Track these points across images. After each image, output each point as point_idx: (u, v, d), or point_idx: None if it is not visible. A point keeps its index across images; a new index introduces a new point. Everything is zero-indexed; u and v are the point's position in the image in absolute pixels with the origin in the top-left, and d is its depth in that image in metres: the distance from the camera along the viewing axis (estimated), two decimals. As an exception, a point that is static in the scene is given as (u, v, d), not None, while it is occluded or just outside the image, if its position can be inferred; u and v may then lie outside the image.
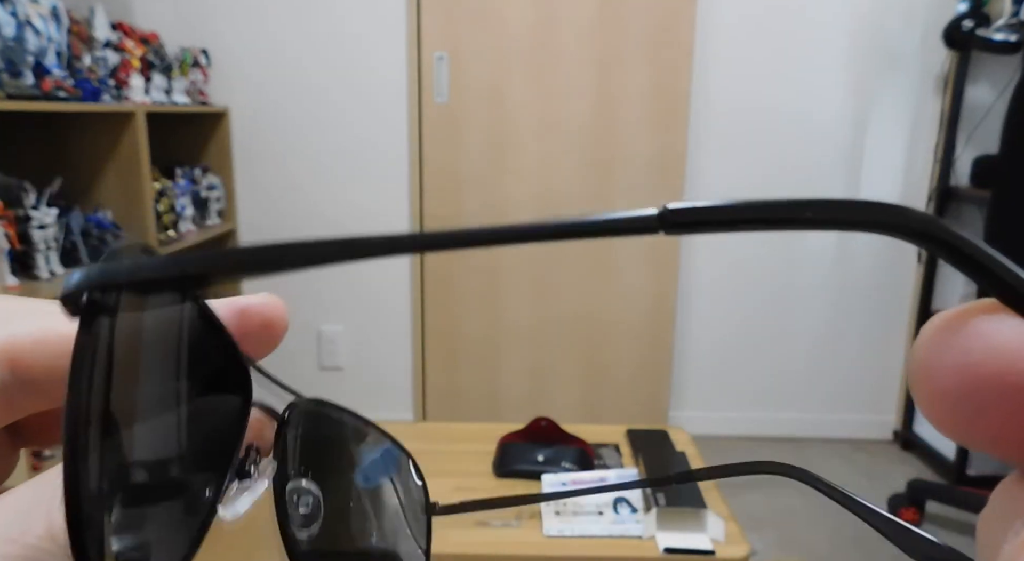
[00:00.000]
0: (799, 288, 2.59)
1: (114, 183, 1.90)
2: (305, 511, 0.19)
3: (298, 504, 0.18)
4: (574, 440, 1.57)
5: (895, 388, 2.65)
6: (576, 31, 2.35)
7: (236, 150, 2.47)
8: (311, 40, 2.38)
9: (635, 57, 2.35)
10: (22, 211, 1.60)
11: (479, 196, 2.44)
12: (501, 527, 1.31)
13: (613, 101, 2.39)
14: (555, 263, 2.47)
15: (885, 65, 2.43)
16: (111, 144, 1.88)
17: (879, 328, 2.62)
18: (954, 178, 2.41)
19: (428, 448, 1.63)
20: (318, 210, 2.48)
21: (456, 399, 2.62)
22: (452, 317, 2.56)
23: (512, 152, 2.41)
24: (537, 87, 2.39)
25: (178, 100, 2.19)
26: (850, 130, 2.47)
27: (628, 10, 2.32)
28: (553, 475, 1.44)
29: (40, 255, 1.63)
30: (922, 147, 2.47)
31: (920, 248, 0.12)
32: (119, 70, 1.91)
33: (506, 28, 2.35)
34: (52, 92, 1.59)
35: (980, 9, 2.23)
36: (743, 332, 2.63)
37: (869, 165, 2.49)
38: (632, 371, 2.57)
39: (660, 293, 2.52)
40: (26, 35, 1.52)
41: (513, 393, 2.59)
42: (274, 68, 2.41)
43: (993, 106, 2.34)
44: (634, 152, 2.42)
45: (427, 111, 2.40)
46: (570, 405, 2.58)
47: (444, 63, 2.36)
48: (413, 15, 2.34)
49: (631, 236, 0.13)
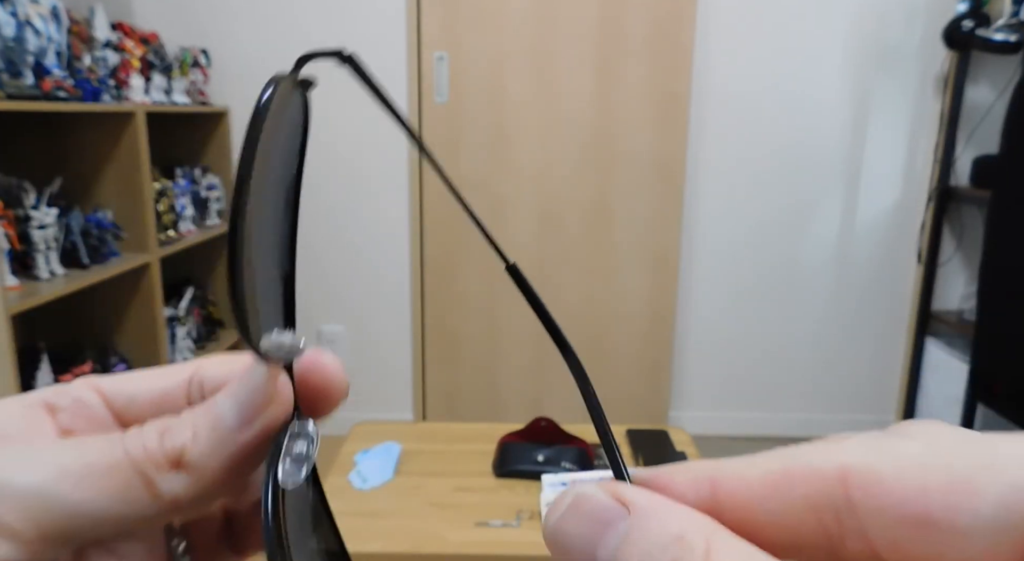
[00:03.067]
0: (799, 288, 2.59)
1: (114, 183, 1.90)
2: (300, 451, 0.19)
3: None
4: (574, 440, 1.57)
5: (895, 388, 2.65)
6: (576, 31, 2.35)
7: (236, 150, 2.47)
8: (311, 40, 2.38)
9: (635, 57, 2.35)
10: (22, 211, 1.60)
11: (479, 196, 2.44)
12: (501, 527, 1.31)
13: (613, 101, 2.39)
14: (555, 263, 2.47)
15: (885, 65, 2.43)
16: (111, 144, 1.87)
17: (879, 328, 2.61)
18: (954, 178, 2.41)
19: (428, 448, 1.63)
20: (318, 210, 2.48)
21: (456, 399, 2.62)
22: (452, 317, 2.56)
23: (512, 152, 2.41)
24: (537, 87, 2.39)
25: (178, 100, 2.18)
26: (850, 130, 2.47)
27: (628, 10, 2.32)
28: (553, 475, 1.44)
29: (40, 255, 1.63)
30: (922, 147, 2.47)
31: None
32: (119, 70, 1.91)
33: (506, 28, 2.35)
34: (52, 92, 1.59)
35: (980, 9, 2.23)
36: (743, 332, 2.62)
37: (869, 165, 2.49)
38: (632, 371, 2.57)
39: (660, 293, 2.52)
40: (26, 35, 1.52)
41: (513, 393, 2.59)
42: (274, 68, 2.39)
43: (993, 106, 2.34)
44: (634, 152, 2.42)
45: (427, 111, 2.40)
46: (570, 405, 2.57)
47: (444, 63, 2.36)
48: (413, 15, 2.34)
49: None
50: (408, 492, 1.45)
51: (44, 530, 0.16)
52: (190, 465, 0.17)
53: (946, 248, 2.49)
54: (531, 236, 2.46)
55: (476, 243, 2.49)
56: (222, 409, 0.18)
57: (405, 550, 1.25)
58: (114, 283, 1.84)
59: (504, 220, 2.46)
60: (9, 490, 0.16)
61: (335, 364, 0.20)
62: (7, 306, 1.41)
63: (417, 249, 2.51)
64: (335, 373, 0.20)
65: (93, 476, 0.16)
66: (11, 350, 1.41)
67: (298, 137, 0.19)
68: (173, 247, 2.08)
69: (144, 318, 1.95)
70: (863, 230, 2.54)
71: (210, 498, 0.18)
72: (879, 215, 2.53)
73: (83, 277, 1.68)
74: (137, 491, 0.17)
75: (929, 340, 2.54)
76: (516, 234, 2.47)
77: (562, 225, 2.45)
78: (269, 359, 0.17)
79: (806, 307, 2.60)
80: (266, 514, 0.16)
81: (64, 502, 0.16)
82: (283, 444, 0.18)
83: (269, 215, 0.18)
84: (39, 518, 0.16)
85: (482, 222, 0.20)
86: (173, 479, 0.17)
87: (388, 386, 2.61)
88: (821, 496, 0.13)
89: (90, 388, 0.19)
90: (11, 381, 1.42)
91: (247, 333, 0.16)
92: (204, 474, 0.17)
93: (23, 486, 0.16)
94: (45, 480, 0.16)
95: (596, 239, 2.47)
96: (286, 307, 0.19)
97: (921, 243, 2.50)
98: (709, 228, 2.54)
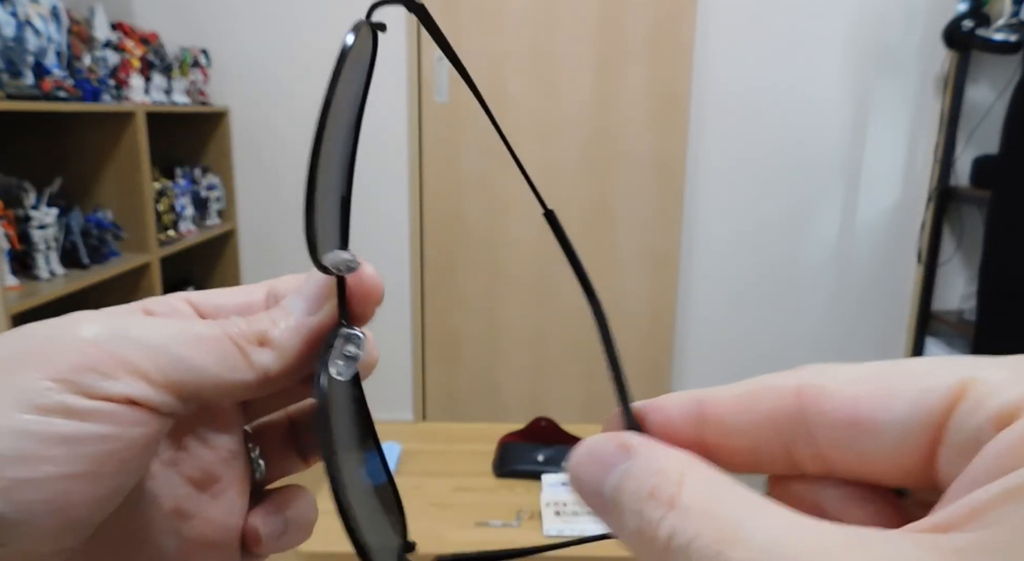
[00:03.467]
0: (799, 288, 2.59)
1: (114, 183, 1.90)
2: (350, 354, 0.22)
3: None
4: (574, 440, 1.57)
5: (895, 388, 2.65)
6: (576, 31, 2.35)
7: (236, 150, 2.47)
8: (311, 40, 2.38)
9: (635, 57, 2.35)
10: (22, 211, 1.60)
11: (479, 196, 2.45)
12: (501, 527, 1.31)
13: (613, 101, 2.39)
14: (555, 263, 2.47)
15: (885, 65, 2.43)
16: (111, 144, 1.87)
17: (879, 328, 2.62)
18: (954, 178, 2.41)
19: (428, 448, 1.63)
20: (318, 210, 2.48)
21: (456, 399, 2.62)
22: (452, 317, 2.56)
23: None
24: (537, 87, 2.39)
25: (178, 100, 2.18)
26: (850, 130, 2.47)
27: (628, 10, 2.32)
28: (553, 475, 1.45)
29: (40, 255, 1.63)
30: (922, 147, 2.47)
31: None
32: (119, 70, 1.91)
33: (506, 28, 2.35)
34: (52, 92, 1.59)
35: (980, 9, 2.23)
36: (743, 332, 2.62)
37: (869, 165, 2.49)
38: (632, 371, 2.57)
39: (660, 293, 2.52)
40: (26, 35, 1.52)
41: (513, 393, 2.59)
42: (274, 68, 2.41)
43: (993, 106, 2.34)
44: (634, 152, 2.42)
45: (427, 111, 2.40)
46: (570, 405, 2.58)
47: (444, 63, 2.36)
48: (413, 15, 2.34)
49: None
50: (408, 492, 1.44)
51: (169, 378, 0.19)
52: (273, 342, 0.21)
53: (946, 248, 2.49)
54: (531, 236, 2.46)
55: (476, 243, 2.49)
56: (293, 303, 0.22)
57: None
58: (114, 283, 1.84)
59: (504, 220, 2.46)
60: (141, 342, 0.19)
61: (374, 274, 0.23)
62: (7, 306, 1.41)
63: (417, 249, 2.51)
64: (373, 281, 0.23)
65: (202, 342, 0.20)
66: (11, 350, 1.41)
67: (364, 72, 0.23)
68: (173, 247, 2.08)
69: (144, 318, 1.95)
70: (863, 230, 2.54)
71: (291, 374, 0.22)
72: (879, 215, 2.53)
73: (83, 277, 1.68)
74: (236, 359, 0.20)
75: (929, 340, 2.54)
76: (516, 234, 2.47)
77: (562, 225, 2.44)
78: (329, 272, 0.22)
79: (806, 307, 2.60)
80: (319, 392, 0.20)
81: (182, 358, 0.19)
82: (333, 344, 0.21)
83: (336, 144, 0.21)
84: (164, 368, 0.19)
85: (524, 167, 0.23)
86: (262, 353, 0.21)
87: (388, 386, 2.61)
88: (779, 411, 0.16)
89: (182, 299, 0.23)
90: (11, 381, 1.42)
91: (314, 250, 0.20)
92: (285, 350, 0.21)
93: (151, 340, 0.19)
94: (166, 339, 0.19)
95: (596, 239, 2.47)
96: (342, 226, 0.24)
97: (921, 243, 2.50)
98: (709, 228, 2.54)
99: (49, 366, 0.17)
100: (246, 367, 0.20)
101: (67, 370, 0.18)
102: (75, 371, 0.18)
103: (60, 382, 0.17)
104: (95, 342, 0.18)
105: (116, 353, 0.18)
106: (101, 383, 0.18)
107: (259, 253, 2.55)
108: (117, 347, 0.18)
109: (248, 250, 2.55)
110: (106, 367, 0.18)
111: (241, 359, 0.20)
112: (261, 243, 2.54)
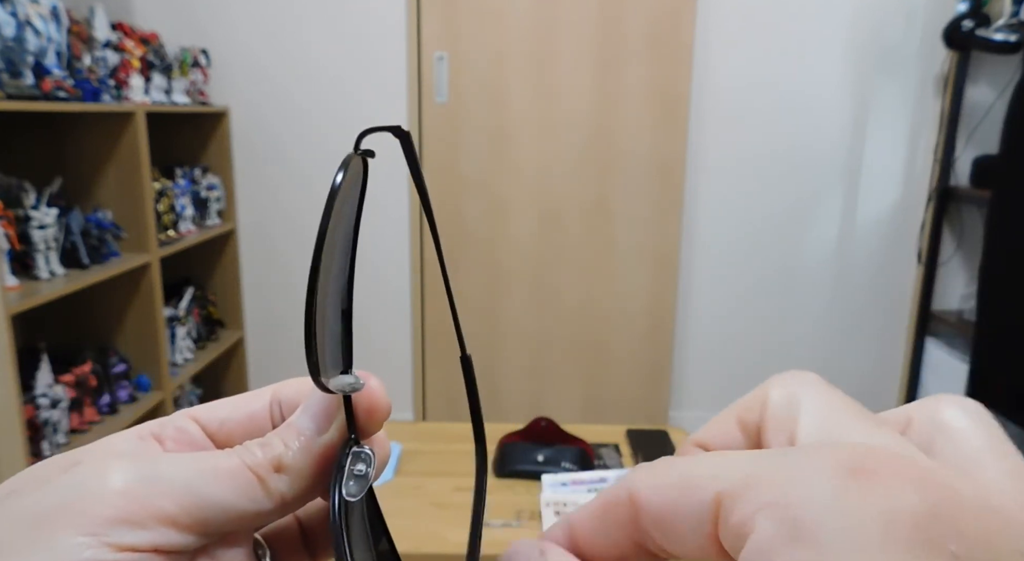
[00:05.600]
0: (799, 288, 2.59)
1: (114, 183, 1.90)
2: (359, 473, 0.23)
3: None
4: (574, 440, 1.57)
5: (895, 388, 2.65)
6: (576, 31, 2.35)
7: (236, 150, 2.47)
8: (311, 40, 2.38)
9: (635, 57, 2.35)
10: (22, 211, 1.60)
11: (479, 196, 2.44)
12: (501, 527, 1.31)
13: (613, 101, 2.39)
14: (555, 263, 2.47)
15: (885, 65, 2.43)
16: (111, 144, 1.87)
17: (879, 328, 2.62)
18: (954, 178, 2.41)
19: (428, 448, 1.63)
20: (318, 210, 2.48)
21: (456, 399, 2.62)
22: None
23: (512, 152, 2.41)
24: (537, 87, 2.39)
25: (178, 100, 2.18)
26: (850, 130, 2.47)
27: (628, 10, 2.32)
28: (553, 475, 1.45)
29: (40, 255, 1.63)
30: (922, 147, 2.47)
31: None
32: (119, 70, 1.91)
33: (506, 28, 2.35)
34: (52, 92, 1.59)
35: (980, 9, 2.23)
36: (743, 332, 2.63)
37: (869, 165, 2.49)
38: (632, 371, 2.57)
39: (660, 293, 2.52)
40: (26, 35, 1.52)
41: (513, 393, 2.59)
42: (274, 68, 2.41)
43: (993, 106, 2.34)
44: (634, 151, 2.42)
45: (427, 111, 2.40)
46: (570, 405, 2.58)
47: (444, 63, 2.36)
48: (413, 15, 2.34)
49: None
50: (408, 492, 1.45)
51: (195, 518, 0.19)
52: (288, 467, 0.21)
53: (946, 248, 2.49)
54: (531, 236, 2.46)
55: (476, 243, 2.49)
56: (302, 423, 0.22)
57: (405, 550, 1.24)
58: (114, 283, 1.84)
59: (504, 220, 2.46)
60: (166, 482, 0.19)
61: (380, 389, 0.23)
62: (7, 306, 1.41)
63: (417, 249, 2.51)
64: (380, 397, 0.23)
65: (223, 476, 0.20)
66: (11, 350, 1.41)
67: (358, 191, 0.23)
68: (173, 247, 2.08)
69: (144, 318, 1.95)
70: (863, 230, 2.54)
71: (306, 495, 0.22)
72: (879, 215, 2.53)
73: (83, 277, 1.68)
74: (255, 489, 0.21)
75: (929, 340, 2.54)
76: (516, 234, 2.47)
77: (562, 225, 2.45)
78: (333, 393, 0.22)
79: (806, 307, 2.60)
80: (334, 522, 0.20)
81: (206, 494, 0.20)
82: (345, 465, 0.22)
83: (334, 260, 0.22)
84: (191, 509, 0.19)
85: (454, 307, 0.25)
86: (278, 479, 0.21)
87: (388, 386, 2.54)
88: (623, 518, 0.18)
89: (187, 417, 0.23)
90: (11, 381, 1.42)
91: (317, 372, 0.20)
92: (300, 474, 0.22)
93: (177, 481, 0.20)
94: (190, 476, 0.20)
95: (596, 239, 2.47)
96: (345, 340, 0.23)
97: (921, 243, 2.50)
98: (709, 228, 2.54)
99: (83, 521, 0.18)
100: (264, 496, 0.21)
101: (100, 525, 0.18)
102: (108, 525, 0.18)
103: (93, 536, 0.18)
104: (125, 493, 0.19)
105: (147, 502, 0.19)
106: (131, 535, 0.18)
107: (259, 253, 2.55)
108: (148, 495, 0.19)
109: (248, 250, 2.55)
110: (138, 518, 0.19)
111: (260, 489, 0.21)
112: (261, 243, 2.54)
